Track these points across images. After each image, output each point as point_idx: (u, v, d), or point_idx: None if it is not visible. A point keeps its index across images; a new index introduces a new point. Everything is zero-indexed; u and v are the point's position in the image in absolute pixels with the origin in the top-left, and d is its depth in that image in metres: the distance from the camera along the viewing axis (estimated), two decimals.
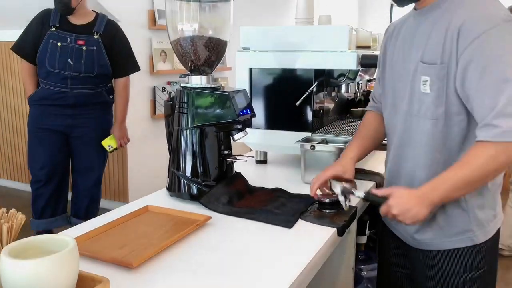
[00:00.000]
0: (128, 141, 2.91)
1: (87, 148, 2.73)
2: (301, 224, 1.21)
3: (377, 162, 1.80)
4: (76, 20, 2.56)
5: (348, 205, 1.25)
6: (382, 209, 1.15)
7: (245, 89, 1.40)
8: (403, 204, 1.10)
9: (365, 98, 2.18)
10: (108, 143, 2.76)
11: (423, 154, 1.17)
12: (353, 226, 1.37)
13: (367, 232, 1.87)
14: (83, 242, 1.06)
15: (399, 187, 1.17)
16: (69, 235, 0.83)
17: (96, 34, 2.56)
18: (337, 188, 1.23)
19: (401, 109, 1.22)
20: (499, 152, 1.00)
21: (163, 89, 3.97)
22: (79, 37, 2.53)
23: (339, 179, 1.28)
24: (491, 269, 1.23)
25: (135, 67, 2.84)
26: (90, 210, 2.83)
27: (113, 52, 2.63)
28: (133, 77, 3.72)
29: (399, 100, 1.23)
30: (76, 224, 1.21)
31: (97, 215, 1.30)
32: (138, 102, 3.83)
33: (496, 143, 0.99)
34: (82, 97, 2.60)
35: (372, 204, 1.20)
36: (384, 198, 1.14)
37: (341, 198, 1.24)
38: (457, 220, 1.17)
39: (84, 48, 2.53)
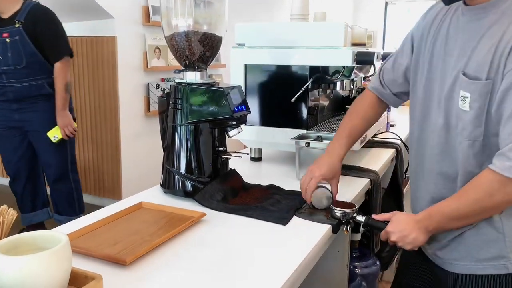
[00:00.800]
0: (75, 130, 2.78)
1: (41, 143, 2.70)
2: (296, 221, 1.21)
3: (372, 159, 1.80)
4: (3, 13, 2.51)
5: (349, 230, 1.22)
6: (382, 235, 1.14)
7: (240, 85, 1.39)
8: (401, 231, 1.09)
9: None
10: (53, 133, 2.68)
11: (454, 172, 1.07)
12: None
13: (361, 229, 1.87)
14: (76, 239, 1.05)
15: (398, 213, 1.15)
16: (62, 232, 0.82)
17: (18, 23, 2.48)
18: (338, 213, 1.19)
19: (435, 119, 1.11)
20: (496, 190, 0.95)
21: (157, 86, 3.95)
22: (3, 29, 2.48)
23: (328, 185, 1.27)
24: None
25: (66, 50, 2.69)
26: (68, 205, 2.79)
27: (38, 38, 2.53)
28: (126, 73, 3.72)
29: (432, 108, 1.12)
30: (59, 220, 1.20)
31: (84, 211, 1.28)
32: (131, 99, 3.81)
33: (501, 176, 0.94)
34: (22, 91, 2.54)
35: (373, 228, 1.19)
36: (385, 223, 1.14)
37: (343, 224, 1.20)
38: (490, 243, 1.05)
39: (8, 40, 2.46)
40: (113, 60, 3.66)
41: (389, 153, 1.93)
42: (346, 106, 2.14)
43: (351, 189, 1.44)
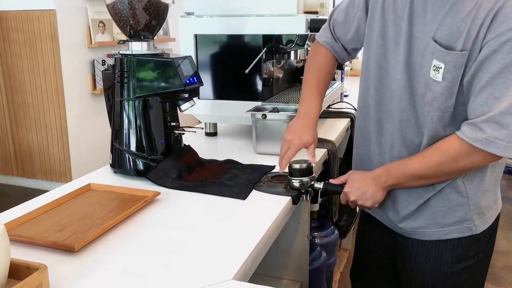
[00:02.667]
0: None
1: None
2: (255, 194, 1.17)
3: (327, 130, 1.79)
4: None
5: (309, 199, 1.19)
6: (341, 198, 1.12)
7: (190, 56, 1.31)
8: (359, 188, 1.08)
9: None
10: None
11: (417, 140, 1.05)
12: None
13: (319, 200, 1.88)
14: (17, 227, 0.96)
15: (354, 172, 1.13)
16: None
17: None
18: (296, 183, 1.15)
19: (396, 84, 1.04)
20: (461, 157, 0.94)
21: (103, 63, 3.76)
22: None
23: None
24: (486, 257, 1.14)
25: None
26: None
27: None
28: (69, 50, 3.50)
29: (391, 72, 1.05)
30: None
31: None
32: (76, 77, 3.60)
33: (469, 145, 0.93)
34: None
35: (332, 193, 1.16)
36: (342, 186, 1.12)
37: (302, 193, 1.17)
38: (455, 208, 1.05)
39: None
40: (53, 36, 3.42)
41: (344, 122, 1.93)
42: (301, 77, 2.10)
43: (305, 158, 1.42)
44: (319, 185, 1.16)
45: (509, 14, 0.86)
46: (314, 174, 1.18)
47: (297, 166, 1.15)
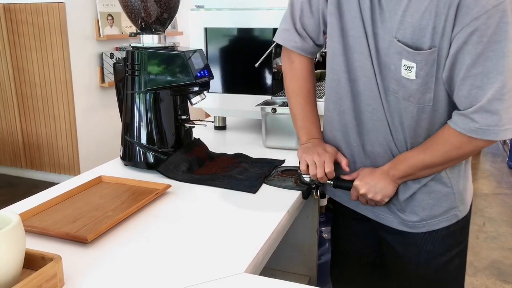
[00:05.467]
0: None
1: None
2: (265, 188, 1.17)
3: None
4: None
5: (319, 194, 1.18)
6: (351, 193, 1.11)
7: (201, 49, 1.31)
8: (368, 182, 1.07)
9: (324, 59, 2.14)
10: None
11: (399, 132, 1.04)
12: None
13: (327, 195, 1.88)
14: (31, 218, 0.97)
15: (364, 168, 1.12)
16: (13, 211, 0.74)
17: None
18: (307, 178, 1.13)
19: (371, 82, 1.02)
20: (465, 144, 0.96)
21: (111, 56, 3.77)
22: None
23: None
24: (467, 240, 1.17)
25: None
26: None
27: None
28: (78, 43, 3.51)
29: (364, 68, 1.02)
30: None
31: None
32: (84, 70, 3.61)
33: (465, 135, 0.94)
34: None
35: (343, 189, 1.16)
36: (352, 182, 1.11)
37: (312, 188, 1.15)
38: (442, 198, 1.07)
39: None
40: (62, 28, 3.43)
41: None
42: None
43: None
44: (329, 180, 1.16)
45: (470, 4, 0.85)
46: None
47: None
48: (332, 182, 1.15)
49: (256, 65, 1.57)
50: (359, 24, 1.01)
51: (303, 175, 1.15)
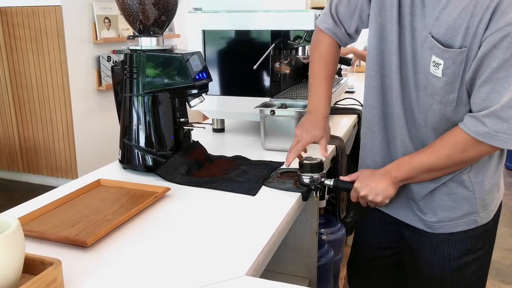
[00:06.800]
0: None
1: None
2: (264, 190, 1.17)
3: (335, 126, 1.79)
4: None
5: (318, 196, 1.19)
6: (352, 194, 1.12)
7: (199, 51, 1.31)
8: (369, 183, 1.08)
9: None
10: None
11: (422, 131, 1.06)
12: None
13: (326, 196, 1.88)
14: (29, 222, 0.96)
15: (365, 169, 1.13)
16: (12, 216, 0.73)
17: None
18: (306, 179, 1.14)
19: (404, 74, 1.04)
20: (470, 147, 0.96)
21: (109, 59, 3.76)
22: None
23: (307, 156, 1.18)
24: (490, 248, 1.17)
25: None
26: None
27: None
28: (75, 46, 3.50)
29: (398, 61, 1.04)
30: None
31: None
32: (81, 74, 3.61)
33: (473, 138, 0.94)
34: None
35: (343, 190, 1.16)
36: (353, 183, 1.12)
37: (312, 189, 1.16)
38: (462, 201, 1.07)
39: None
40: (59, 31, 3.43)
41: (351, 119, 1.93)
42: (308, 73, 2.10)
43: (316, 156, 1.41)
44: (329, 182, 1.16)
45: (506, 9, 0.86)
46: (324, 171, 1.17)
47: (307, 162, 1.14)
48: (332, 184, 1.15)
49: (255, 67, 1.58)
50: (395, 20, 1.03)
51: (303, 176, 1.15)
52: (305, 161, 1.14)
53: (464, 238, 1.10)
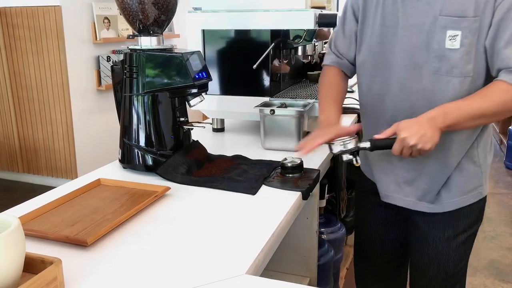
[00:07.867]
0: None
1: None
2: (265, 190, 1.17)
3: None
4: None
5: (359, 161, 1.13)
6: (395, 148, 1.04)
7: (199, 51, 1.31)
8: (417, 131, 1.00)
9: (321, 61, 2.14)
10: None
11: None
12: (316, 189, 1.35)
13: (326, 196, 1.88)
14: (29, 222, 0.96)
15: (401, 121, 1.05)
16: (12, 215, 0.73)
17: None
18: (338, 147, 1.09)
19: (412, 69, 1.10)
20: None
21: (108, 59, 3.76)
22: None
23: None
24: (482, 220, 1.25)
25: None
26: None
27: None
28: (74, 46, 3.50)
29: (405, 59, 1.10)
30: None
31: None
32: (81, 74, 3.61)
33: None
34: None
35: (382, 149, 1.11)
36: (391, 139, 1.05)
37: (349, 157, 1.11)
38: (471, 176, 1.15)
39: None
40: (59, 32, 3.42)
41: (351, 118, 1.93)
42: (308, 73, 2.10)
43: (316, 155, 1.41)
44: (365, 144, 1.08)
45: None
46: (356, 136, 1.11)
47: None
48: (369, 145, 1.08)
49: (254, 66, 1.58)
50: (393, 20, 1.11)
51: (334, 144, 1.09)
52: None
53: (469, 211, 1.17)
